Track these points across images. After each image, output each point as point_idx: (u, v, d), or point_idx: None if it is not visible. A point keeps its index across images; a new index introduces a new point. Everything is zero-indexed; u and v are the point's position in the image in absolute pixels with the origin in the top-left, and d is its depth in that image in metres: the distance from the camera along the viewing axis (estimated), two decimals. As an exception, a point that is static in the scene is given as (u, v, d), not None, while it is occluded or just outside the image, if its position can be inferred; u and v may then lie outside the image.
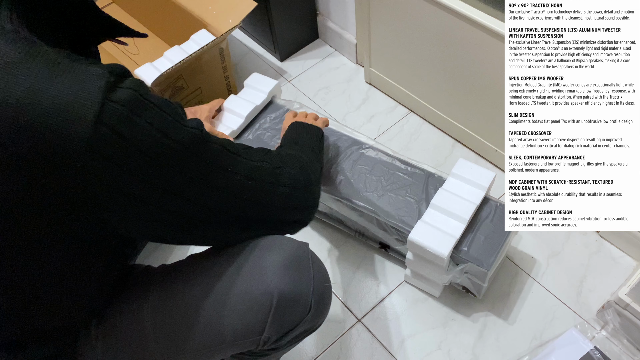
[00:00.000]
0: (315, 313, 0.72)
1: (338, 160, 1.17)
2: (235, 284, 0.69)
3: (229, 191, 0.64)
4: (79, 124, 0.50)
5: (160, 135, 0.56)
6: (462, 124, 1.38)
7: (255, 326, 0.68)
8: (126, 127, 0.53)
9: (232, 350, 0.72)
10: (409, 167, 1.15)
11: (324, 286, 0.73)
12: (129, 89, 0.54)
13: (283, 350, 0.79)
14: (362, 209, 1.10)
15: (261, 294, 0.67)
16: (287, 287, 0.67)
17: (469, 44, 1.18)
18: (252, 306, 0.67)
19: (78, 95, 0.51)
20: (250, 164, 0.68)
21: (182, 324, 0.70)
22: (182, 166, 0.59)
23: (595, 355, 1.03)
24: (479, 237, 1.03)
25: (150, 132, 0.55)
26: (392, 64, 1.47)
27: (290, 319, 0.69)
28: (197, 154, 0.60)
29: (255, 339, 0.69)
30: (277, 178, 0.71)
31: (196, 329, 0.69)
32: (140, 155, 0.55)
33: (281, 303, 0.67)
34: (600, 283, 1.15)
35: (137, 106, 0.54)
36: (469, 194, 1.06)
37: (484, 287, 1.06)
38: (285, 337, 0.71)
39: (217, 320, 0.69)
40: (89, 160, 0.52)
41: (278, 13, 1.56)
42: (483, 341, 1.10)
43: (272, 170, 0.71)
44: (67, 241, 0.58)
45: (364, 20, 1.43)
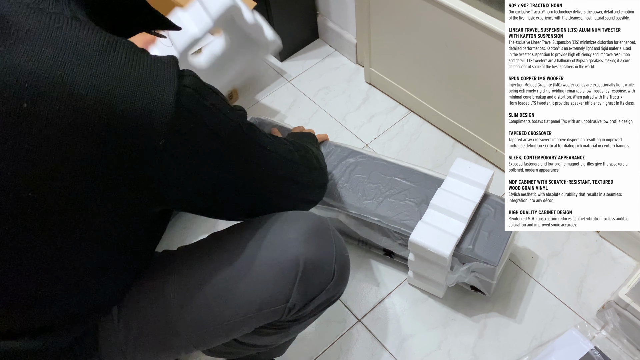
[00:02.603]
0: (338, 280, 0.75)
1: (334, 172, 1.17)
2: (260, 254, 0.71)
3: (267, 170, 0.71)
4: (162, 106, 0.55)
5: (223, 116, 0.62)
6: (462, 124, 1.38)
7: (281, 293, 0.70)
8: (198, 108, 0.59)
9: (257, 321, 0.73)
10: (407, 171, 1.15)
11: (344, 255, 0.77)
12: (190, 75, 0.59)
13: (304, 322, 0.80)
14: (363, 218, 1.10)
15: (287, 261, 0.70)
16: (312, 254, 0.71)
17: (469, 44, 1.18)
18: (279, 273, 0.70)
19: (158, 80, 0.56)
20: (282, 146, 0.75)
21: (208, 295, 0.71)
22: (238, 144, 0.65)
23: (595, 355, 1.03)
24: (483, 234, 1.03)
25: (215, 113, 0.61)
26: (392, 64, 1.47)
27: (315, 285, 0.72)
28: (247, 132, 0.67)
29: (280, 307, 0.71)
30: (303, 157, 0.80)
31: (222, 300, 0.71)
32: (209, 134, 0.61)
33: (307, 269, 0.70)
34: (600, 283, 1.15)
35: (202, 90, 0.60)
36: (468, 193, 1.06)
37: (493, 285, 1.06)
38: (308, 306, 0.73)
39: (244, 289, 0.71)
40: (170, 138, 0.56)
41: (278, 13, 1.56)
42: (483, 341, 1.10)
43: (298, 152, 0.79)
44: (124, 218, 0.61)
45: (364, 20, 1.43)
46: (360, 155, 1.19)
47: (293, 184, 0.78)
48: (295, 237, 0.71)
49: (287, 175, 0.76)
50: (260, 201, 0.75)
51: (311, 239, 0.72)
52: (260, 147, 0.69)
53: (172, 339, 0.73)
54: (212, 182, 0.65)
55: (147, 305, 0.73)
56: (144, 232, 0.69)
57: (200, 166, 0.62)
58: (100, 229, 0.60)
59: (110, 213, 0.59)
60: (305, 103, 1.57)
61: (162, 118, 0.55)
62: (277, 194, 0.76)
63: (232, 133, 0.64)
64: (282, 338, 0.86)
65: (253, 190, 0.71)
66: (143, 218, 0.65)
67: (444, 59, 1.28)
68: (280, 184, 0.75)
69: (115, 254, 0.66)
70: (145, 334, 0.73)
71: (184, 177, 0.61)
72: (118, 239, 0.64)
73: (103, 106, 0.52)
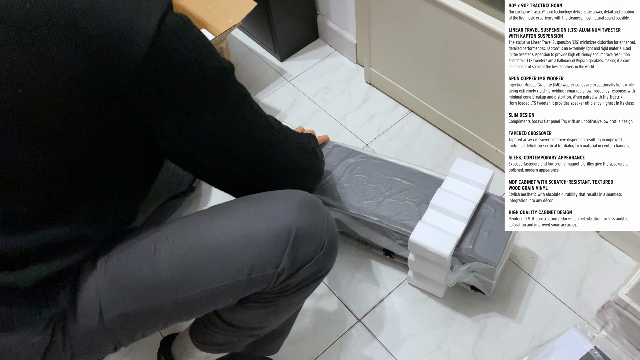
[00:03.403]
0: (327, 253, 0.77)
1: (334, 172, 1.17)
2: (253, 220, 0.73)
3: (252, 126, 0.72)
4: (147, 20, 0.59)
5: (209, 52, 0.64)
6: (462, 124, 1.38)
7: (272, 258, 0.72)
8: (182, 34, 0.62)
9: (245, 287, 0.73)
10: (407, 171, 1.15)
11: (334, 231, 0.79)
12: (179, 14, 0.63)
13: (290, 297, 0.80)
14: (363, 218, 1.10)
15: (280, 228, 0.72)
16: (304, 223, 0.73)
17: (469, 44, 1.18)
18: (271, 239, 0.72)
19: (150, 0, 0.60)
20: (270, 117, 0.76)
21: (200, 257, 0.72)
22: (223, 88, 0.67)
23: (595, 355, 1.03)
24: (483, 234, 1.03)
25: (201, 46, 0.63)
26: (392, 64, 1.47)
27: (305, 253, 0.74)
28: (231, 80, 0.68)
29: (270, 273, 0.72)
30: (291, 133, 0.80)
31: (214, 261, 0.72)
32: (192, 64, 0.62)
33: (299, 236, 0.72)
34: (600, 283, 1.15)
35: (190, 23, 0.63)
36: (468, 193, 1.06)
37: (493, 284, 1.06)
38: (296, 275, 0.74)
39: (236, 253, 0.72)
40: (152, 52, 0.59)
41: (278, 13, 1.56)
42: (483, 341, 1.10)
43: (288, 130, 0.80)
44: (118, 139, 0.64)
45: (364, 20, 1.43)
46: (360, 155, 1.19)
47: (282, 155, 0.77)
48: (288, 207, 0.73)
49: (272, 140, 0.75)
50: (249, 163, 0.75)
51: (304, 210, 0.74)
52: (244, 99, 0.70)
53: (155, 298, 0.73)
54: (196, 122, 0.66)
55: (135, 261, 0.73)
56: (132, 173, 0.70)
57: (182, 100, 0.64)
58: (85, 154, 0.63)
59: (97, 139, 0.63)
60: (305, 103, 1.57)
61: (145, 31, 0.58)
62: (265, 160, 0.76)
63: (218, 74, 0.65)
64: (270, 318, 0.85)
65: (238, 145, 0.72)
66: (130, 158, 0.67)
67: (444, 59, 1.28)
68: (267, 148, 0.75)
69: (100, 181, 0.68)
70: (128, 290, 0.72)
71: (165, 109, 0.63)
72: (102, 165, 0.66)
73: (94, 12, 0.57)
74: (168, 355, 1.04)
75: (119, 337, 0.75)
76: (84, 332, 0.72)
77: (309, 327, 1.15)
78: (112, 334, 0.74)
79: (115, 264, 0.73)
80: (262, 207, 0.74)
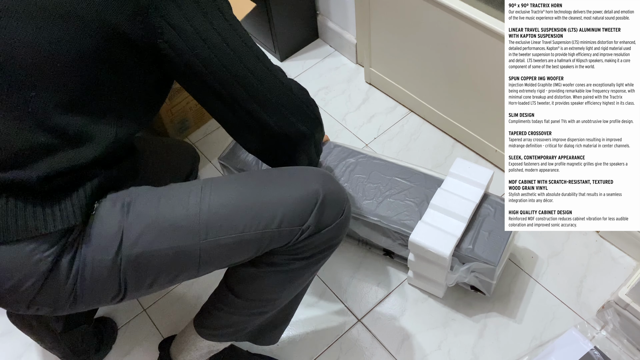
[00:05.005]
0: (345, 220, 0.84)
1: (334, 172, 1.17)
2: (287, 182, 0.81)
3: (247, 45, 0.76)
4: None
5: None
6: (462, 124, 1.38)
7: (301, 215, 0.79)
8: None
9: (271, 238, 0.78)
10: (407, 171, 1.15)
11: (350, 205, 0.86)
12: None
13: (304, 261, 0.84)
14: (363, 218, 1.10)
15: (310, 189, 0.80)
16: (329, 190, 0.81)
17: (469, 44, 1.18)
18: (302, 197, 0.79)
19: None
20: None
21: (236, 204, 0.77)
22: None
23: (595, 355, 1.03)
24: (482, 234, 1.03)
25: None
26: (392, 64, 1.47)
27: (329, 216, 0.81)
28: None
29: (296, 229, 0.79)
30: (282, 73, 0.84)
31: (249, 210, 0.77)
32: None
33: (325, 200, 0.80)
34: (600, 283, 1.15)
35: None
36: (468, 193, 1.06)
37: (493, 285, 1.06)
38: (316, 235, 0.81)
39: (271, 205, 0.78)
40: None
41: (278, 13, 1.56)
42: (483, 341, 1.10)
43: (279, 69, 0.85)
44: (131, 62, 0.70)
45: (364, 20, 1.43)
46: (360, 155, 1.19)
47: (275, 79, 0.80)
48: (316, 176, 0.82)
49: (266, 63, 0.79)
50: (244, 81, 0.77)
51: (329, 181, 0.82)
52: (236, 20, 0.75)
53: (183, 239, 0.74)
54: (192, 25, 0.71)
55: (167, 202, 0.75)
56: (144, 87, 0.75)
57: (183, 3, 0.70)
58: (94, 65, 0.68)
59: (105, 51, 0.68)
60: (305, 103, 1.57)
61: None
62: (262, 83, 0.78)
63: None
64: (283, 287, 0.87)
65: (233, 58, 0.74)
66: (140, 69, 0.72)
67: (444, 59, 1.28)
68: (263, 70, 0.78)
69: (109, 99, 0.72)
70: (155, 228, 0.74)
71: (168, 8, 0.69)
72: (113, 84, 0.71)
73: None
74: (167, 355, 1.04)
75: (128, 280, 0.74)
76: (94, 266, 0.71)
77: (309, 327, 1.15)
78: (123, 276, 0.73)
79: (144, 204, 0.75)
80: (294, 173, 0.82)
